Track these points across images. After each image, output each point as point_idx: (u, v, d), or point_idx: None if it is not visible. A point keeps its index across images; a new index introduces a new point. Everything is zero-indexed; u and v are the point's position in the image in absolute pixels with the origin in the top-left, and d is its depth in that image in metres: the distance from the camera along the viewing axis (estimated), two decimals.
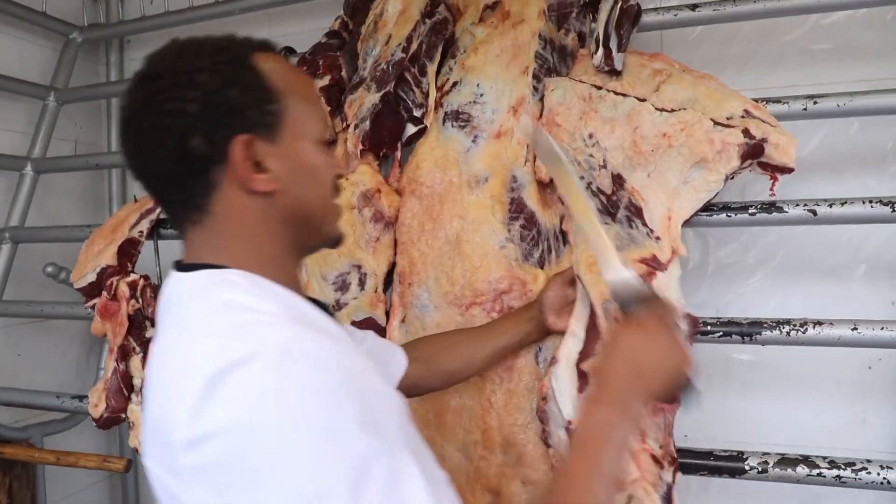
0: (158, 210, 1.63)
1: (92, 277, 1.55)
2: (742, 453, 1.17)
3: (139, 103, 0.70)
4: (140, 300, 1.49)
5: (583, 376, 1.11)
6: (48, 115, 1.99)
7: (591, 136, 1.26)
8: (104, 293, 1.52)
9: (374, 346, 1.01)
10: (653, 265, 1.12)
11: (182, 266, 0.72)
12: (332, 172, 0.76)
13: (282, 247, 0.73)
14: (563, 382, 1.12)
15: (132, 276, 1.52)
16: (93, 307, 1.56)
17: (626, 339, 0.76)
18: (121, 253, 1.55)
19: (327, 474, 0.54)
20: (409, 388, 1.07)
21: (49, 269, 1.83)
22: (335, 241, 0.81)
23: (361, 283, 1.28)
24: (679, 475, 1.14)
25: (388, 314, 1.28)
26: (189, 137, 0.67)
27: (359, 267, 1.28)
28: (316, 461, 0.55)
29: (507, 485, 1.15)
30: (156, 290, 1.52)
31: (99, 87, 2.10)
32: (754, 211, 1.21)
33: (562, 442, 1.11)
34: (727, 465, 1.17)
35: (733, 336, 1.19)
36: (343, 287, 1.29)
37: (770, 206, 1.20)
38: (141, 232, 1.59)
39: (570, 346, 1.15)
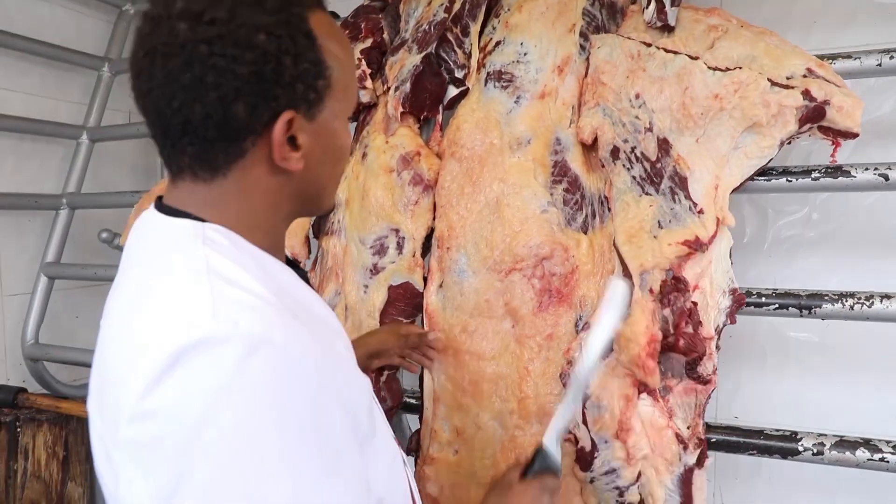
0: None
1: None
2: (796, 433, 1.10)
3: (179, 42, 0.59)
4: None
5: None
6: (103, 85, 2.04)
7: (637, 96, 1.19)
8: None
9: None
10: (693, 247, 1.06)
11: (163, 206, 0.66)
12: (349, 146, 0.72)
13: (279, 217, 0.69)
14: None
15: None
16: None
17: (520, 499, 0.83)
18: None
19: (255, 492, 0.51)
20: None
21: (104, 235, 1.89)
22: (329, 211, 0.81)
23: (399, 247, 1.26)
24: (708, 461, 1.08)
25: (425, 279, 1.26)
26: (231, 102, 0.59)
27: (397, 231, 1.26)
28: (250, 476, 0.51)
29: None
30: None
31: None
32: (818, 175, 1.12)
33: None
34: (779, 444, 1.10)
35: (790, 309, 1.11)
36: (381, 251, 1.27)
37: (836, 170, 1.11)
38: None
39: None
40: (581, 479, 1.06)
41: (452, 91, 1.34)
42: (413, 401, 1.32)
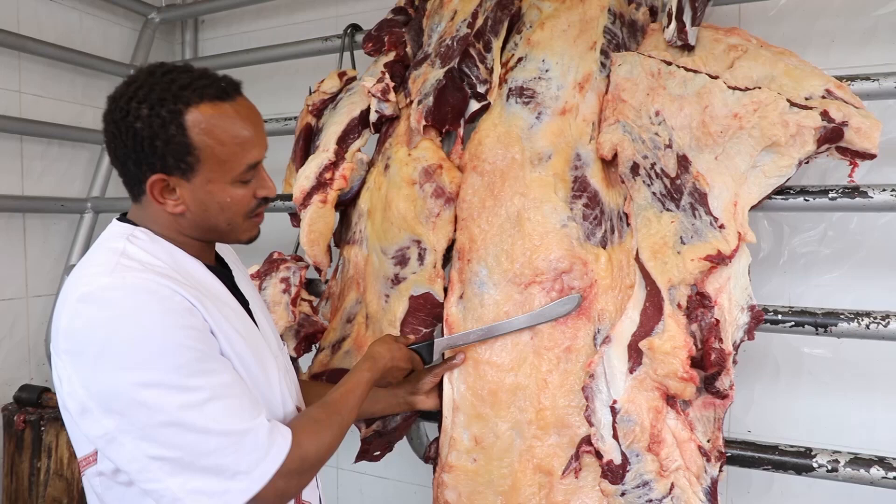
0: None
1: None
2: (810, 450, 1.11)
3: (103, 114, 0.91)
4: None
5: (632, 356, 1.10)
6: None
7: (657, 113, 1.21)
8: None
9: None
10: (716, 261, 1.08)
11: (122, 216, 0.98)
12: (245, 200, 0.95)
13: (186, 235, 0.96)
14: (614, 362, 1.11)
15: None
16: None
17: (398, 356, 1.16)
18: None
19: (138, 379, 0.81)
20: None
21: None
22: (246, 242, 1.02)
23: (420, 258, 1.28)
24: (724, 473, 1.10)
25: (446, 290, 1.28)
26: (124, 161, 0.90)
27: (418, 242, 1.28)
28: (137, 365, 0.81)
29: (560, 466, 1.13)
30: None
31: None
32: (835, 195, 1.14)
33: (602, 421, 1.09)
34: (793, 461, 1.12)
35: (806, 327, 1.13)
36: (402, 261, 1.29)
37: (853, 191, 1.13)
38: None
39: (625, 328, 1.13)
40: (609, 492, 1.08)
41: (474, 105, 1.36)
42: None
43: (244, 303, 1.01)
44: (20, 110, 1.87)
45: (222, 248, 1.10)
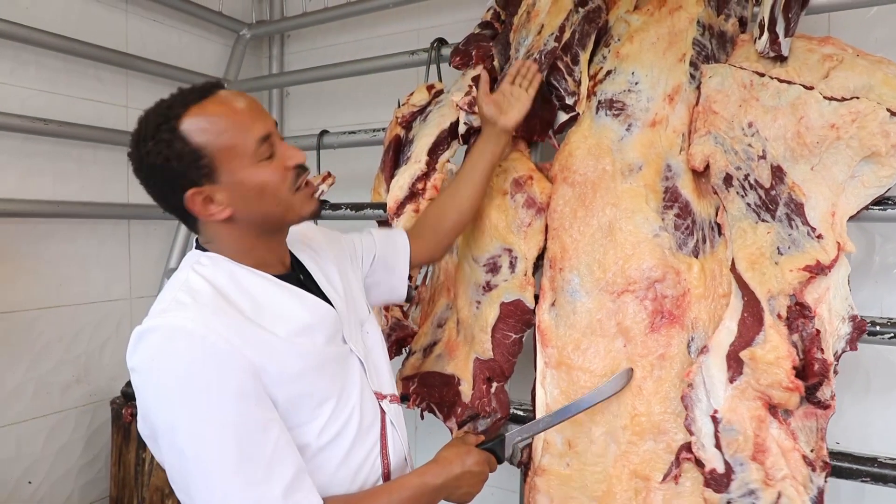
0: (320, 192, 1.77)
1: None
2: None
3: (135, 169, 0.96)
4: None
5: (732, 366, 1.11)
6: None
7: (750, 124, 1.22)
8: None
9: (377, 243, 1.26)
10: (815, 271, 1.09)
11: (198, 244, 1.03)
12: (279, 175, 0.96)
13: (251, 241, 0.99)
14: (713, 371, 1.12)
15: None
16: None
17: (469, 461, 1.09)
18: None
19: (177, 418, 0.84)
20: (429, 258, 1.30)
21: None
22: (310, 217, 1.03)
23: (512, 266, 1.33)
24: (828, 483, 1.10)
25: (536, 297, 1.32)
26: (164, 197, 0.96)
27: (510, 250, 1.33)
28: (171, 406, 0.85)
29: (656, 471, 1.15)
30: None
31: (263, 79, 2.29)
32: None
33: (703, 430, 1.10)
34: (894, 474, 1.11)
35: None
36: (494, 269, 1.34)
37: None
38: None
39: (723, 338, 1.14)
40: (714, 501, 1.10)
41: (562, 117, 1.40)
42: (520, 412, 1.38)
43: (321, 295, 1.03)
44: (127, 124, 2.01)
45: (301, 240, 1.11)
